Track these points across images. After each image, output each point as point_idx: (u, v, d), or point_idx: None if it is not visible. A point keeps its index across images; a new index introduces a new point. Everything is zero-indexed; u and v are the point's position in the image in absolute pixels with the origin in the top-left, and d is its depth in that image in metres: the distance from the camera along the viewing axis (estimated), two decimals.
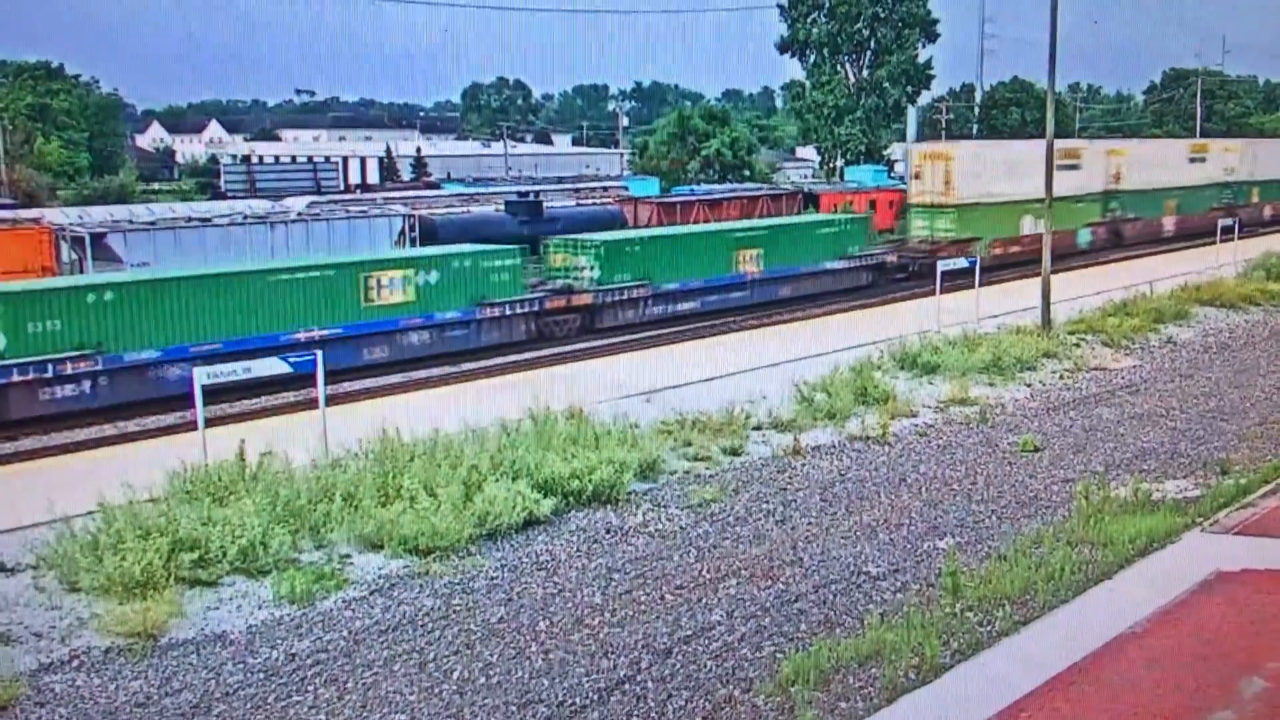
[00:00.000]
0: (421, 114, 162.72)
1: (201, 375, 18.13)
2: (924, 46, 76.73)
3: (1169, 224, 60.71)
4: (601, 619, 14.30)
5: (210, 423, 18.67)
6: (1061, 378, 28.52)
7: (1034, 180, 42.63)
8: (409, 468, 17.56)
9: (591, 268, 35.42)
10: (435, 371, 29.08)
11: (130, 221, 36.95)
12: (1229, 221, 48.51)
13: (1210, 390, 27.39)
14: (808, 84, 76.95)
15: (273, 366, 19.61)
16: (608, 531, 17.46)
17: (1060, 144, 47.38)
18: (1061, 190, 46.14)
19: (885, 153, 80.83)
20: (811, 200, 58.35)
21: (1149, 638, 13.00)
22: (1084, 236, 55.15)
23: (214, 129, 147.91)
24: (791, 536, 17.20)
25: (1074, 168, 52.75)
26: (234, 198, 56.53)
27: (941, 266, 33.43)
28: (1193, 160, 63.35)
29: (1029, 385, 27.59)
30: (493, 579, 15.61)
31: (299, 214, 39.83)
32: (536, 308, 33.20)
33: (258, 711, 12.10)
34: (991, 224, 48.18)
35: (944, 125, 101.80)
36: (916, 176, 49.37)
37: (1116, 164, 57.37)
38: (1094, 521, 16.78)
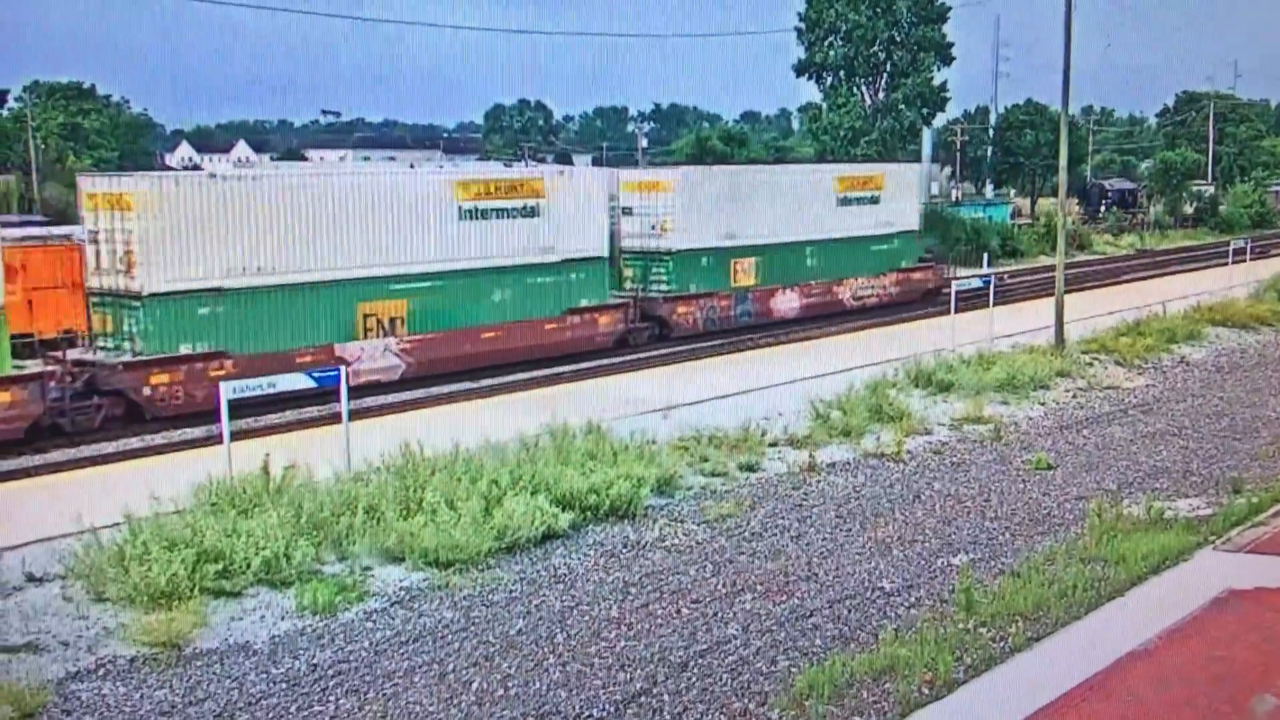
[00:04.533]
0: (444, 135, 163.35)
1: (228, 390, 18.42)
2: (939, 70, 76.69)
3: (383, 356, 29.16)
4: (618, 632, 14.47)
5: (235, 436, 18.91)
6: (1075, 396, 28.63)
7: None
8: (430, 482, 17.77)
9: None
10: (456, 387, 29.30)
11: None
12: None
13: (1222, 409, 27.47)
14: (824, 106, 77.04)
15: (297, 382, 19.90)
16: (625, 546, 17.64)
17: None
18: None
19: None
20: None
21: (1161, 655, 13.09)
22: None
23: (241, 148, 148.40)
24: (807, 552, 17.35)
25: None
26: None
27: (956, 286, 33.64)
28: (474, 214, 31.02)
29: (1043, 404, 27.70)
30: (511, 592, 15.79)
31: None
32: None
33: None
34: None
35: (958, 147, 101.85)
36: None
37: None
38: (1106, 539, 16.89)
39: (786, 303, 40.41)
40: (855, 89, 76.76)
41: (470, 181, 31.57)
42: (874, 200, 43.76)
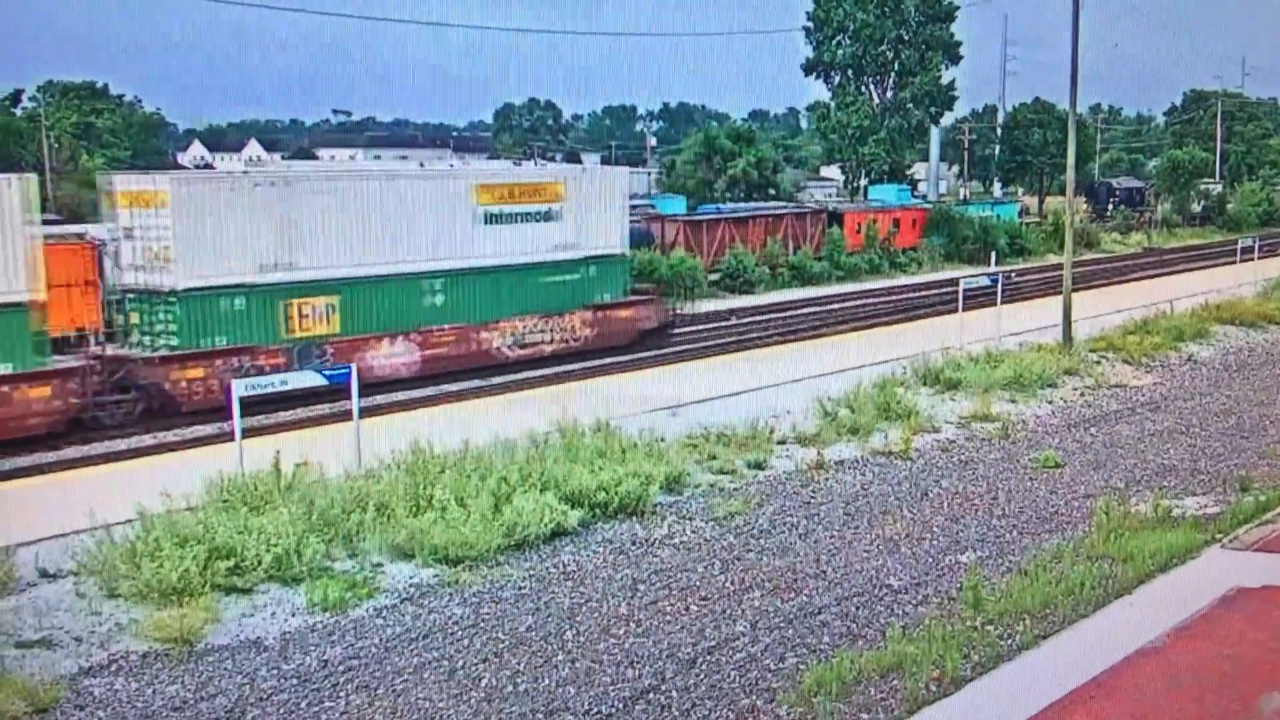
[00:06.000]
0: (455, 134, 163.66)
1: (240, 387, 18.51)
2: (947, 68, 76.90)
3: None
4: (627, 629, 14.52)
5: (246, 434, 18.98)
6: (1082, 395, 28.65)
7: None
8: (440, 479, 17.85)
9: None
10: (466, 385, 29.39)
11: None
12: None
13: (1230, 408, 27.50)
14: (832, 105, 77.17)
15: (308, 379, 20.00)
16: (634, 543, 17.70)
17: None
18: None
19: (908, 172, 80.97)
20: (835, 219, 58.55)
21: (1168, 653, 13.10)
22: None
23: (253, 148, 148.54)
24: (815, 549, 17.40)
25: None
26: None
27: (964, 285, 33.69)
28: None
29: (1050, 402, 27.73)
30: (521, 589, 15.85)
31: None
32: None
33: (291, 716, 12.35)
34: None
35: (966, 146, 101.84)
36: None
37: None
38: (1114, 537, 16.90)
39: (392, 357, 29.39)
40: (863, 88, 76.88)
41: None
42: (547, 216, 32.59)
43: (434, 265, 30.37)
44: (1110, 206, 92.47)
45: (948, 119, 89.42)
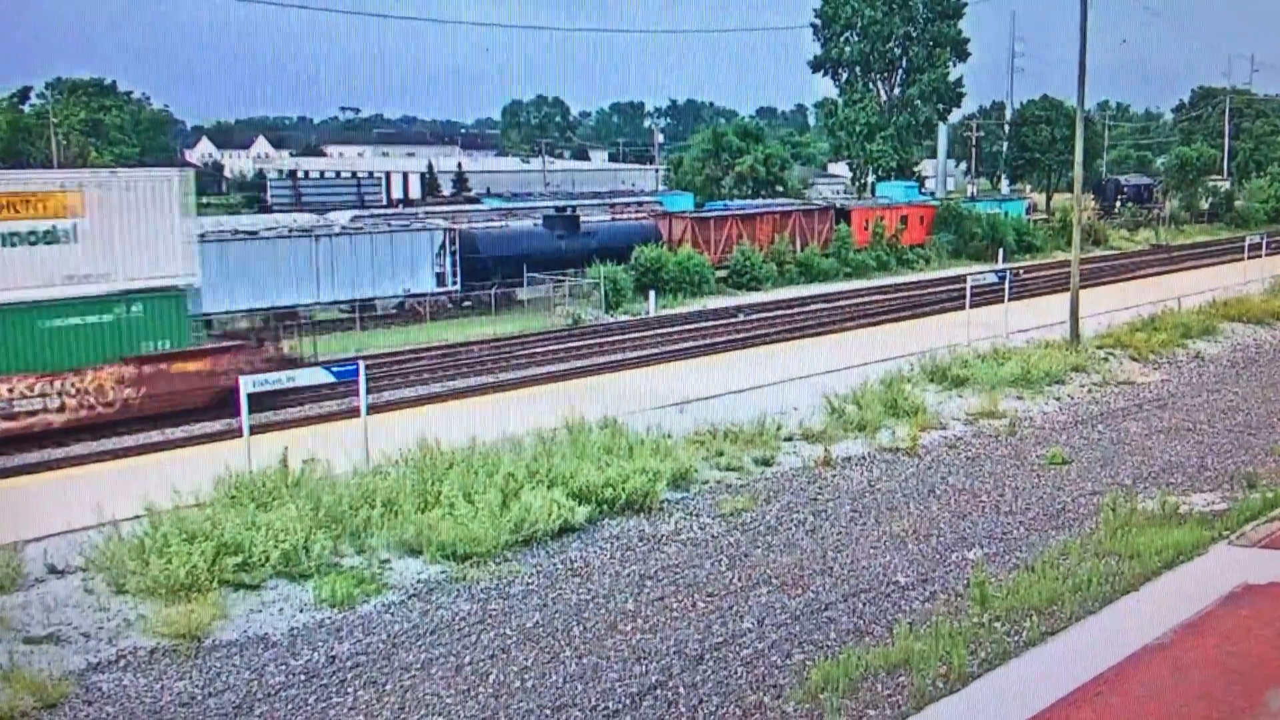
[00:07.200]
0: (463, 130, 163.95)
1: (248, 384, 18.55)
2: (955, 65, 76.80)
3: None
4: (634, 625, 14.55)
5: (254, 430, 19.03)
6: (1090, 391, 28.62)
7: None
8: (447, 475, 17.89)
9: None
10: (473, 382, 29.42)
11: None
12: None
13: (1237, 405, 27.44)
14: (840, 102, 77.15)
15: (315, 376, 20.03)
16: (641, 539, 17.73)
17: None
18: None
19: (916, 169, 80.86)
20: (843, 215, 58.49)
21: (1175, 649, 13.12)
22: None
23: (261, 144, 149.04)
24: (821, 546, 17.41)
25: None
26: (280, 212, 56.91)
27: (972, 281, 33.67)
28: None
29: (1057, 399, 27.71)
30: (528, 585, 15.89)
31: (343, 228, 40.46)
32: None
33: (298, 712, 12.41)
34: None
35: (974, 142, 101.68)
36: None
37: None
38: (1121, 534, 16.92)
39: None
40: (871, 85, 76.82)
41: None
42: (50, 236, 23.68)
43: None
44: (1118, 203, 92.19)
45: (955, 116, 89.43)
